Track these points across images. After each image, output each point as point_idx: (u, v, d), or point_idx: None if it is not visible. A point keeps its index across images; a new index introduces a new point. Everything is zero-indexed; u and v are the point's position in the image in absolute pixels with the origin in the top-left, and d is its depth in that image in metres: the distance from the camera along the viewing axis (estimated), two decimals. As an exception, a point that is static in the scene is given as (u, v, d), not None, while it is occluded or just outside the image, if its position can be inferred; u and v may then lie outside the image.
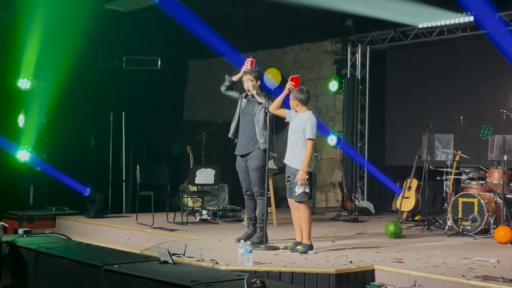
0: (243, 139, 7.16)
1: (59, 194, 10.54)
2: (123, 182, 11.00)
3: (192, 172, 9.16)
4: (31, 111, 10.32)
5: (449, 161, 8.86)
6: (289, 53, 13.08)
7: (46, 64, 10.30)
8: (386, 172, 11.09)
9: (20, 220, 9.65)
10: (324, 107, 12.37)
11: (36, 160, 10.40)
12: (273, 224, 8.88)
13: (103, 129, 11.01)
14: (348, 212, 10.11)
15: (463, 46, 10.32)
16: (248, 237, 7.04)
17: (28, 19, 9.91)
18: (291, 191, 6.65)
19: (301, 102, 6.64)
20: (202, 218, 9.49)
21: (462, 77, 10.21)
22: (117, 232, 8.86)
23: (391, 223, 8.05)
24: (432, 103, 10.47)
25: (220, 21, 10.64)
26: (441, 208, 9.22)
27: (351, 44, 11.60)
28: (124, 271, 4.90)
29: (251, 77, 7.08)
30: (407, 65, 11.12)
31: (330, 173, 12.20)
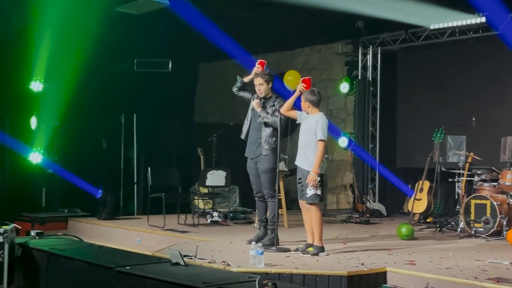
0: (253, 142, 7.16)
1: (71, 196, 10.58)
2: (134, 184, 11.03)
3: (203, 174, 9.17)
4: (44, 114, 10.38)
5: (461, 162, 8.82)
6: (299, 55, 13.07)
7: (58, 66, 10.35)
8: (398, 174, 11.06)
9: (33, 222, 9.70)
10: (335, 108, 12.34)
11: (48, 162, 10.45)
12: (284, 226, 8.87)
13: (114, 132, 11.06)
14: (359, 214, 10.08)
15: (475, 47, 10.27)
16: (259, 239, 7.04)
17: (40, 22, 9.96)
18: (303, 193, 6.64)
19: (313, 104, 6.64)
20: (213, 220, 9.49)
21: (474, 78, 10.16)
22: (129, 234, 8.89)
23: (403, 225, 8.02)
24: (444, 105, 10.42)
25: (230, 23, 10.66)
26: (453, 210, 9.17)
27: (362, 46, 11.58)
28: (136, 272, 4.91)
29: (261, 80, 7.07)
30: (419, 66, 11.07)
31: (341, 175, 12.18)
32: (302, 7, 9.34)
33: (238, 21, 10.96)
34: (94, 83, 11.10)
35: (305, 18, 10.68)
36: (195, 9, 10.10)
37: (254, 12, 10.57)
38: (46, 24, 9.95)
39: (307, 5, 9.19)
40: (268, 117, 6.97)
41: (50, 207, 10.53)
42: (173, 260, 5.23)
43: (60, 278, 5.81)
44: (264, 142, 7.00)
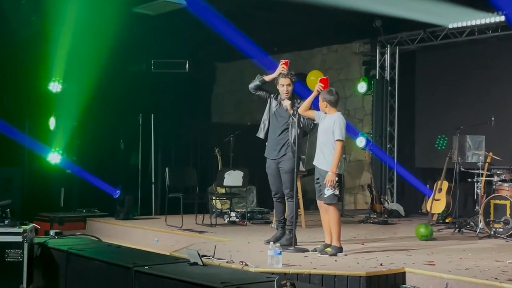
0: (275, 142, 7.13)
1: (89, 196, 10.65)
2: (152, 184, 11.06)
3: (220, 174, 9.17)
4: (62, 114, 10.46)
5: (480, 162, 8.74)
6: (316, 54, 13.04)
7: (76, 67, 10.42)
8: (416, 174, 10.98)
9: (51, 221, 9.76)
10: (353, 108, 12.30)
11: (66, 163, 10.53)
12: (302, 226, 8.85)
13: (132, 132, 11.10)
14: (377, 214, 10.03)
15: (494, 46, 10.17)
16: (277, 239, 7.02)
17: (59, 23, 10.03)
18: (321, 193, 6.62)
19: (330, 104, 6.61)
20: (231, 220, 9.49)
21: (493, 77, 10.06)
22: (147, 234, 8.91)
23: (421, 225, 7.97)
24: (462, 104, 10.34)
25: (247, 23, 10.65)
26: (472, 210, 9.09)
27: (380, 45, 11.52)
28: (154, 272, 4.93)
29: (288, 80, 7.05)
30: (437, 65, 10.99)
31: (359, 175, 12.12)
32: (320, 7, 9.31)
33: (255, 21, 10.95)
34: (111, 83, 11.16)
35: (323, 17, 10.64)
36: (212, 9, 10.10)
37: (271, 12, 10.55)
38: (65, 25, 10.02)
39: (324, 4, 9.16)
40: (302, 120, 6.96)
41: (69, 207, 10.61)
42: (191, 260, 5.24)
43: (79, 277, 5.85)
44: (293, 143, 6.97)
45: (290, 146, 7.00)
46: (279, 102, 7.15)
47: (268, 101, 7.22)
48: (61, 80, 10.42)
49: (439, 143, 8.94)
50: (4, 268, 5.94)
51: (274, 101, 7.19)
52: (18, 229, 6.05)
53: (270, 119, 7.19)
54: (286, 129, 7.06)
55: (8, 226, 6.09)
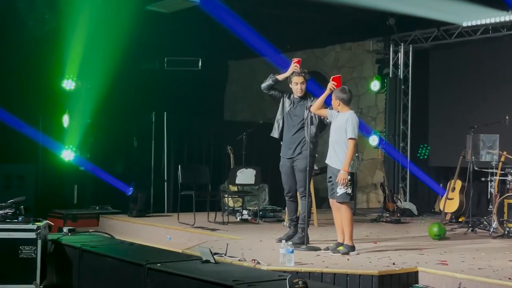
0: (290, 141, 7.13)
1: (102, 193, 10.70)
2: (165, 181, 11.10)
3: (232, 172, 9.18)
4: (75, 112, 10.52)
5: (494, 161, 8.68)
6: (329, 52, 13.00)
7: (90, 65, 10.48)
8: (429, 173, 10.93)
9: (65, 218, 9.81)
10: (366, 107, 12.26)
11: (80, 160, 10.58)
12: (314, 224, 8.84)
13: (145, 129, 11.14)
14: (390, 213, 9.99)
15: (509, 45, 10.08)
16: (289, 238, 7.02)
17: (73, 21, 10.08)
18: (333, 191, 6.61)
19: (343, 102, 6.60)
20: (243, 218, 9.51)
21: (507, 76, 9.98)
22: (159, 231, 8.95)
23: (434, 224, 7.93)
24: (476, 103, 10.27)
25: (260, 21, 10.65)
26: (486, 209, 9.04)
27: (393, 43, 11.47)
28: (167, 270, 4.95)
29: (302, 78, 7.05)
30: (451, 64, 10.92)
31: (372, 174, 12.09)
32: (333, 5, 9.29)
33: (268, 19, 10.95)
34: (125, 81, 11.21)
35: (336, 15, 10.62)
36: (225, 7, 10.11)
37: (284, 10, 10.54)
38: (79, 23, 10.07)
39: (337, 2, 9.14)
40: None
41: (82, 204, 10.67)
42: (203, 258, 5.25)
43: (92, 274, 5.88)
44: (310, 141, 6.96)
45: (306, 144, 7.00)
46: (293, 101, 7.15)
47: (281, 101, 7.21)
48: (74, 78, 10.48)
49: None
50: (17, 264, 5.98)
51: (287, 101, 7.18)
52: (31, 225, 6.09)
53: (284, 118, 7.18)
54: (302, 127, 7.05)
55: (21, 223, 6.13)
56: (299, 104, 7.13)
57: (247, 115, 14.01)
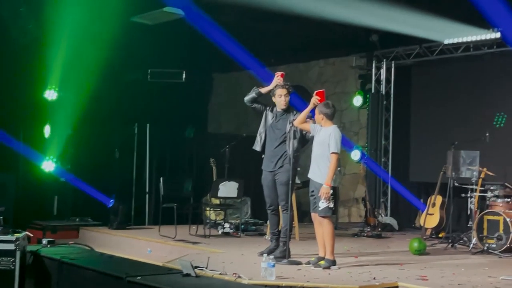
0: (272, 154, 7.15)
1: (83, 205, 10.63)
2: (146, 193, 11.04)
3: (215, 185, 9.16)
4: (57, 122, 10.45)
5: (474, 178, 8.75)
6: (313, 67, 13.07)
7: (73, 75, 10.43)
8: (410, 188, 10.99)
9: (44, 230, 9.72)
10: (348, 121, 12.32)
11: (61, 171, 10.51)
12: (296, 238, 8.83)
13: (127, 141, 11.09)
14: (371, 228, 10.03)
15: (490, 63, 10.21)
16: (271, 251, 7.02)
17: (56, 31, 10.04)
18: (315, 205, 6.63)
19: (327, 117, 6.64)
20: (224, 231, 9.48)
21: (488, 93, 10.10)
22: (140, 244, 8.89)
23: (415, 239, 7.97)
24: (457, 120, 10.36)
25: (245, 35, 10.68)
26: (466, 225, 9.10)
27: (376, 59, 11.56)
28: (147, 283, 4.91)
29: (286, 91, 7.09)
30: (433, 81, 11.03)
31: (354, 188, 12.13)
32: (317, 20, 9.35)
33: (252, 32, 10.99)
34: (108, 92, 11.16)
35: (320, 31, 10.69)
36: (210, 20, 10.13)
37: (268, 24, 10.59)
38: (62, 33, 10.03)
39: (322, 18, 9.20)
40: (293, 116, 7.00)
41: (62, 216, 10.58)
42: (184, 271, 5.22)
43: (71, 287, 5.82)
44: (292, 155, 6.97)
45: (287, 158, 7.01)
46: (276, 115, 7.17)
47: (264, 114, 7.24)
48: (57, 88, 10.42)
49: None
50: (-5, 276, 5.91)
51: (270, 114, 7.21)
52: (10, 237, 6.02)
53: (267, 131, 7.21)
54: (284, 141, 7.08)
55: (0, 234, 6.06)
56: (282, 117, 7.16)
57: (230, 128, 14.01)
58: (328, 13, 9.07)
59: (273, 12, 8.95)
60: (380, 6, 8.80)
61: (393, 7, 8.86)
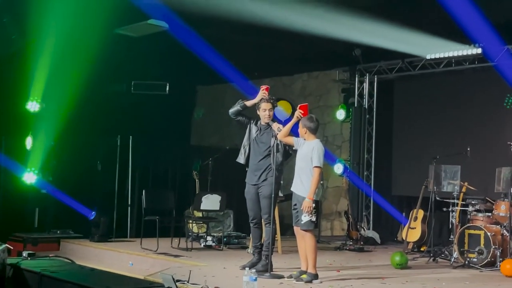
0: (256, 168, 7.16)
1: (64, 217, 10.51)
2: (128, 206, 10.97)
3: (198, 197, 9.15)
4: (39, 134, 10.36)
5: (455, 192, 8.82)
6: (297, 80, 13.14)
7: (56, 87, 10.36)
8: (392, 201, 11.05)
9: (25, 242, 9.61)
10: (331, 135, 12.38)
11: (42, 183, 10.40)
12: (278, 252, 8.84)
13: (110, 153, 11.02)
14: (353, 241, 10.05)
15: (471, 78, 10.34)
16: (253, 265, 7.01)
17: (39, 42, 10.00)
18: (298, 219, 6.64)
19: (310, 130, 6.67)
20: (207, 245, 9.45)
21: (469, 108, 10.22)
22: (121, 257, 8.83)
23: (397, 253, 8.00)
24: (439, 134, 10.46)
25: (228, 48, 10.72)
26: (447, 239, 9.16)
27: (359, 73, 11.65)
28: (128, 296, 4.88)
29: (270, 105, 7.12)
30: (415, 95, 11.14)
31: (336, 202, 12.17)
32: (301, 34, 9.41)
33: (236, 45, 11.03)
34: (91, 104, 11.11)
35: (304, 44, 10.75)
36: (194, 32, 10.16)
37: (252, 37, 10.63)
38: (46, 44, 9.99)
39: (305, 32, 9.26)
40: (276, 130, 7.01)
41: (43, 228, 10.45)
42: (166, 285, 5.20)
43: (51, 300, 5.76)
44: (275, 168, 6.97)
45: (271, 171, 7.03)
46: (260, 128, 7.19)
47: (248, 127, 7.26)
48: (39, 100, 10.34)
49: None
50: (-26, 289, 5.84)
51: (254, 127, 7.23)
52: (-10, 249, 5.96)
53: (251, 144, 7.23)
54: (268, 154, 7.09)
55: (-20, 246, 6.00)
56: (266, 131, 7.18)
57: (214, 141, 14.01)
58: (312, 27, 9.14)
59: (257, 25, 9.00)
60: (363, 21, 8.89)
61: (376, 22, 8.95)
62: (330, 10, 8.68)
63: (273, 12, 8.74)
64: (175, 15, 9.51)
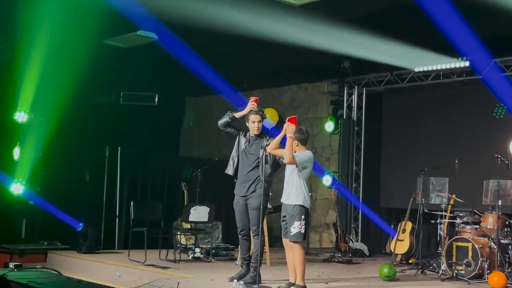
0: (244, 179, 7.16)
1: (51, 228, 10.43)
2: (116, 217, 10.91)
3: (186, 209, 9.12)
4: (27, 144, 10.29)
5: (443, 204, 8.86)
6: (286, 92, 13.17)
7: (44, 97, 10.31)
8: (381, 214, 11.06)
9: (11, 253, 9.54)
10: (320, 147, 12.40)
11: (29, 194, 10.33)
12: (267, 264, 8.81)
13: (98, 164, 10.98)
14: (342, 253, 10.05)
15: (459, 91, 10.41)
16: (241, 277, 6.99)
17: (27, 53, 9.96)
18: (286, 230, 6.63)
19: (301, 142, 6.69)
20: (195, 256, 9.42)
21: (457, 121, 10.28)
22: (109, 269, 8.77)
23: (385, 265, 8.00)
24: (427, 146, 10.51)
25: (218, 59, 10.74)
26: (435, 251, 9.17)
27: (347, 86, 11.69)
28: (116, 309, 4.85)
29: (259, 117, 7.13)
30: (403, 107, 11.19)
31: (325, 214, 12.17)
32: (290, 46, 9.45)
33: (225, 57, 11.05)
34: (79, 114, 11.07)
35: (293, 56, 10.79)
36: (183, 44, 10.17)
37: (241, 49, 10.66)
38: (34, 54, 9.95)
39: (294, 44, 9.30)
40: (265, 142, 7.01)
41: (30, 239, 10.38)
42: (154, 297, 5.17)
43: (38, 312, 5.71)
44: (264, 180, 6.97)
45: (260, 182, 7.02)
46: (249, 140, 7.19)
47: (237, 138, 7.26)
48: (27, 110, 10.27)
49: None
50: (-41, 301, 5.78)
51: (243, 139, 7.24)
52: (-24, 261, 5.91)
53: (240, 156, 7.23)
54: (256, 166, 7.09)
55: (-34, 258, 5.95)
56: (255, 142, 7.19)
57: (202, 152, 13.99)
58: (301, 39, 9.18)
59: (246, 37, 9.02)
60: (352, 34, 8.94)
61: (365, 35, 9.00)
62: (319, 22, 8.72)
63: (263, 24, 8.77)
64: (164, 26, 9.52)
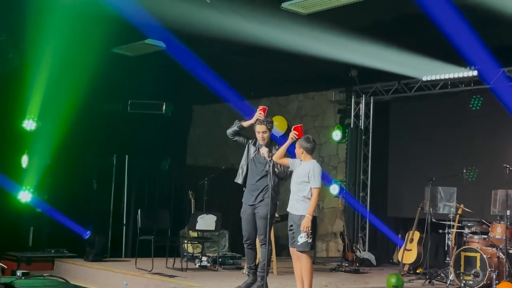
0: (253, 188, 7.15)
1: (59, 236, 10.45)
2: (123, 225, 10.93)
3: (193, 217, 9.11)
4: (35, 152, 10.34)
5: (451, 214, 8.82)
6: (293, 101, 13.17)
7: (52, 105, 10.36)
8: (388, 223, 11.02)
9: (19, 261, 9.56)
10: (327, 155, 12.39)
11: (37, 201, 10.36)
12: (274, 273, 8.79)
13: (105, 172, 11.01)
14: (349, 262, 10.01)
15: (467, 100, 10.38)
16: (248, 286, 6.98)
17: (36, 61, 10.01)
18: (293, 240, 6.61)
19: (307, 151, 6.67)
20: (202, 265, 9.40)
21: (465, 130, 10.24)
22: (116, 277, 8.77)
23: (392, 275, 7.97)
24: (435, 156, 10.47)
25: (225, 68, 10.76)
26: (443, 261, 9.13)
27: (355, 94, 11.68)
28: (123, 318, 4.84)
29: (264, 127, 7.11)
30: (411, 117, 11.16)
31: (332, 223, 12.13)
32: (297, 55, 9.46)
33: (233, 65, 11.07)
34: (87, 122, 11.12)
35: (300, 65, 10.80)
36: (191, 52, 10.20)
37: (249, 58, 10.68)
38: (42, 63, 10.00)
39: (302, 53, 9.31)
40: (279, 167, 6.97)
41: (37, 247, 10.40)
42: (161, 306, 5.16)
43: (45, 320, 5.71)
44: (272, 189, 6.96)
45: (268, 192, 7.01)
46: (257, 148, 7.19)
47: (246, 147, 7.25)
48: (35, 118, 10.33)
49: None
50: (-33, 309, 5.78)
51: (252, 147, 7.23)
52: (-16, 268, 5.91)
53: (249, 164, 7.21)
54: (265, 175, 7.07)
55: (-27, 266, 5.95)
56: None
57: (209, 160, 13.99)
58: (308, 48, 9.19)
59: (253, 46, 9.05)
60: (359, 43, 8.94)
61: (373, 44, 8.99)
62: (326, 31, 8.73)
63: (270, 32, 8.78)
64: (172, 35, 9.55)
